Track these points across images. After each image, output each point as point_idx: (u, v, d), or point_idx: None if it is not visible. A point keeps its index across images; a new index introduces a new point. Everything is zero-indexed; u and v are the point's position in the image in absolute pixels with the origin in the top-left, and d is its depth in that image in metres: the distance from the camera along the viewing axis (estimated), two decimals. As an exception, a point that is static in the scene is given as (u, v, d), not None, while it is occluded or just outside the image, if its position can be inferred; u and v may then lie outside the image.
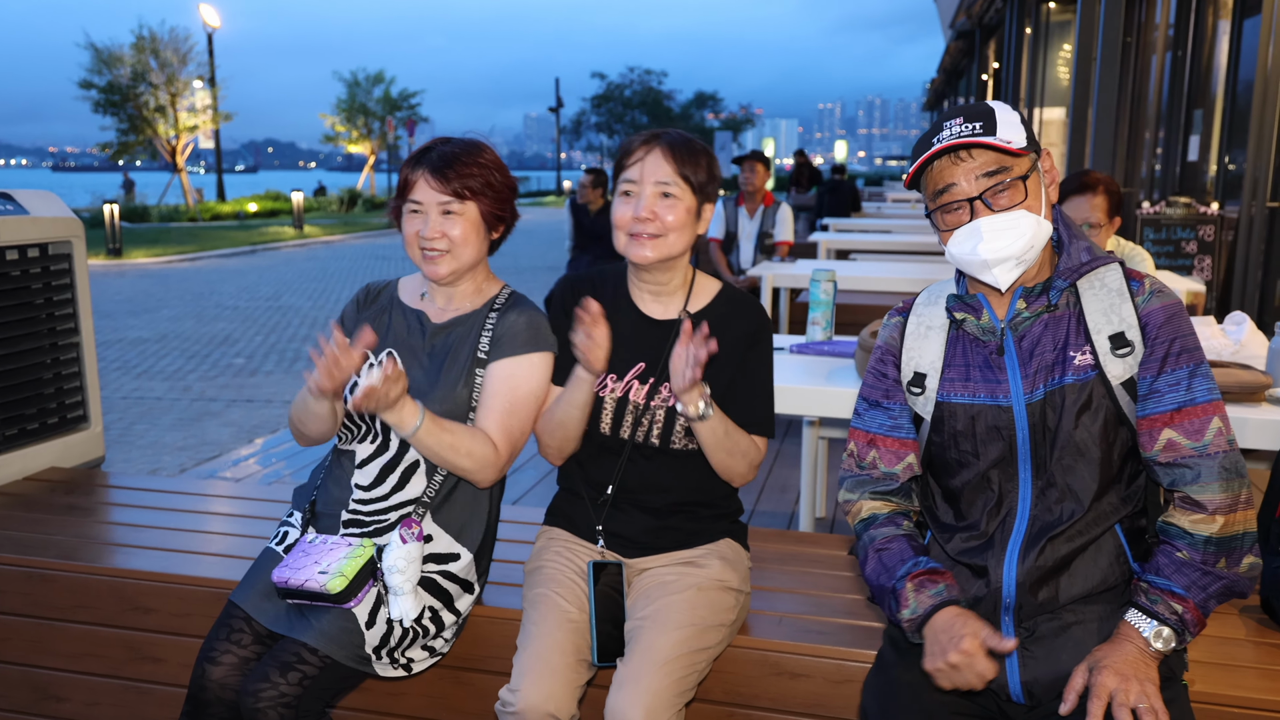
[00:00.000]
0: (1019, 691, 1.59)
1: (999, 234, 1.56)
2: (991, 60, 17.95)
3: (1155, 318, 1.57)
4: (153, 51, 29.82)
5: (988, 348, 1.65)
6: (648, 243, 1.89)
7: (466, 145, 2.01)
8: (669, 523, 1.99)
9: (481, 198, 1.98)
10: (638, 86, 62.56)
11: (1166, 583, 1.53)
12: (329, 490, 2.08)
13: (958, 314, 1.68)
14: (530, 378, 1.99)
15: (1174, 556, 1.54)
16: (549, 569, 1.98)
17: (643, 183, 1.89)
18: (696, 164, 1.91)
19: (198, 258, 17.86)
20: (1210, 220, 7.33)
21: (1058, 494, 1.60)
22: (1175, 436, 1.54)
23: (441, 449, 1.89)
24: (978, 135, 1.54)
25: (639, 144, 1.93)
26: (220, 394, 6.99)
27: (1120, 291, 1.60)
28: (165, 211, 27.65)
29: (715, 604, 1.90)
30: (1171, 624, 1.51)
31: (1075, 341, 1.59)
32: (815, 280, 3.25)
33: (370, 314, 2.12)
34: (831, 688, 1.95)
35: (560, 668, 1.79)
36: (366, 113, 42.25)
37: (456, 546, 2.03)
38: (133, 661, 2.39)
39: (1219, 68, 7.83)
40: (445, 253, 1.97)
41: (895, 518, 1.74)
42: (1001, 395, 1.62)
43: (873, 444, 1.77)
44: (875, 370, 1.79)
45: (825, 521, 4.23)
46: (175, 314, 10.91)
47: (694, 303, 2.00)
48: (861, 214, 13.37)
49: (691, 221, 1.92)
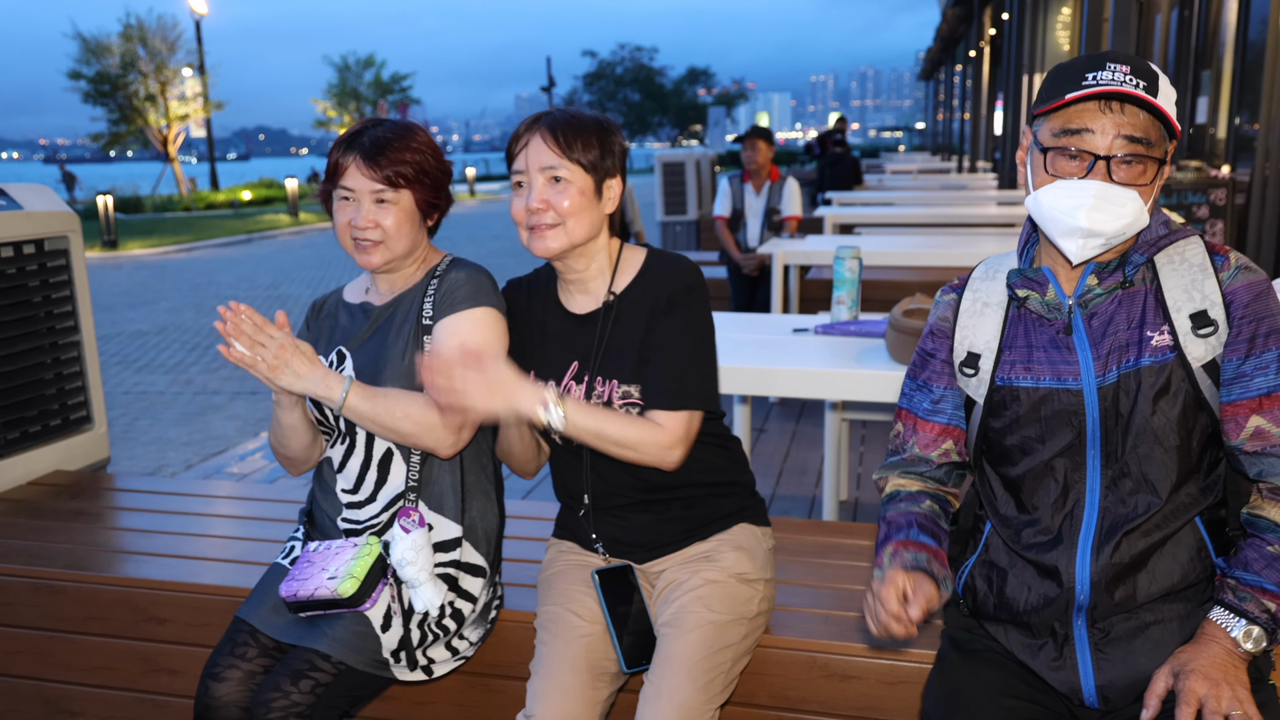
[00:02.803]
0: (1093, 696, 1.50)
1: (1107, 206, 1.41)
2: (988, 26, 17.76)
3: (1241, 296, 1.45)
4: (141, 40, 29.57)
5: (1054, 326, 1.53)
6: (547, 234, 1.76)
7: (398, 128, 1.91)
8: (668, 515, 1.87)
9: (416, 185, 1.88)
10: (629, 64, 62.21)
11: (1257, 579, 1.43)
12: (319, 502, 2.01)
13: (1020, 290, 1.55)
14: (475, 334, 1.86)
15: (1264, 550, 1.44)
16: (557, 584, 1.89)
17: (529, 171, 1.77)
18: (584, 141, 1.76)
19: (194, 248, 17.73)
20: (1222, 184, 7.20)
21: (1132, 485, 1.49)
22: (1264, 424, 1.44)
23: (377, 415, 1.80)
24: (1145, 92, 1.39)
25: (524, 129, 1.79)
26: (223, 387, 6.89)
27: (1203, 267, 1.48)
28: (159, 202, 27.49)
29: (733, 597, 1.79)
30: (1262, 623, 1.41)
31: (1153, 320, 1.48)
32: (839, 258, 3.14)
33: (319, 324, 2.05)
34: (885, 689, 1.86)
35: (573, 686, 1.71)
36: (358, 97, 41.99)
37: (456, 529, 1.94)
38: (148, 674, 2.30)
39: (1227, 26, 7.69)
40: (378, 243, 1.88)
41: (918, 496, 1.65)
42: (1070, 378, 1.51)
43: (915, 426, 1.68)
44: (923, 350, 1.69)
45: (849, 505, 4.15)
46: (174, 305, 10.81)
47: (619, 282, 1.85)
48: (864, 187, 13.21)
49: (591, 203, 1.78)
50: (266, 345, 1.75)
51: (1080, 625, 1.51)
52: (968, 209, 8.94)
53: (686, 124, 62.31)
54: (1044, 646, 1.55)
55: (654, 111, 61.80)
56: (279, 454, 1.99)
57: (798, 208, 6.55)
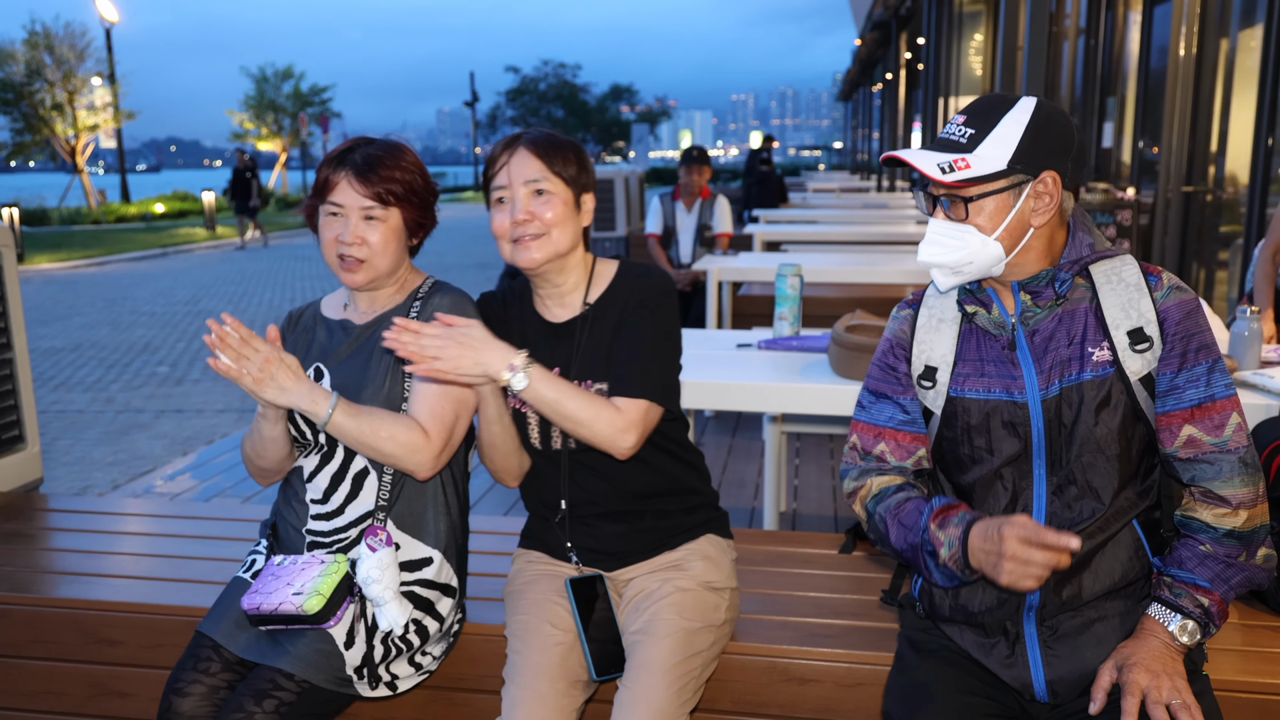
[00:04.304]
0: (1043, 690, 1.59)
1: (935, 243, 1.60)
2: (904, 51, 18.28)
3: (1173, 314, 1.57)
4: (47, 48, 28.57)
5: (1000, 342, 1.64)
6: (532, 244, 1.82)
7: (389, 147, 1.93)
8: (640, 525, 1.93)
9: (405, 204, 1.91)
10: (553, 80, 62.25)
11: (1191, 576, 1.54)
12: (284, 514, 2.00)
13: (969, 307, 1.67)
14: None
15: (1197, 550, 1.55)
16: (528, 594, 1.91)
17: (513, 185, 1.83)
18: (564, 157, 1.84)
19: (105, 262, 17.20)
20: (1127, 205, 7.54)
21: (1077, 491, 1.59)
22: (1196, 433, 1.55)
23: (361, 433, 1.81)
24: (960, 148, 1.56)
25: (501, 149, 1.86)
26: (147, 405, 6.71)
27: (1138, 286, 1.59)
28: (66, 214, 26.55)
29: (702, 605, 1.85)
30: (1196, 617, 1.52)
31: (1093, 337, 1.59)
32: (782, 275, 3.23)
33: (295, 336, 2.05)
34: (843, 692, 1.93)
35: (549, 695, 1.74)
36: (276, 109, 41.20)
37: (424, 549, 1.96)
38: (97, 697, 2.25)
39: (1130, 55, 8.06)
40: (362, 261, 1.89)
41: (905, 487, 1.72)
42: (1017, 391, 1.61)
43: (880, 437, 1.75)
44: (883, 364, 1.77)
45: (787, 516, 4.24)
46: (89, 321, 10.48)
47: (594, 292, 1.93)
48: (789, 205, 13.46)
49: (572, 215, 1.85)
50: (251, 358, 1.75)
51: (1030, 624, 1.60)
52: (889, 227, 9.20)
53: (610, 141, 62.56)
54: (996, 645, 1.63)
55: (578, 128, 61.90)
56: (252, 464, 1.98)
57: (729, 225, 6.68)
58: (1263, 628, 1.98)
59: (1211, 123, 6.52)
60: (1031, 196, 1.56)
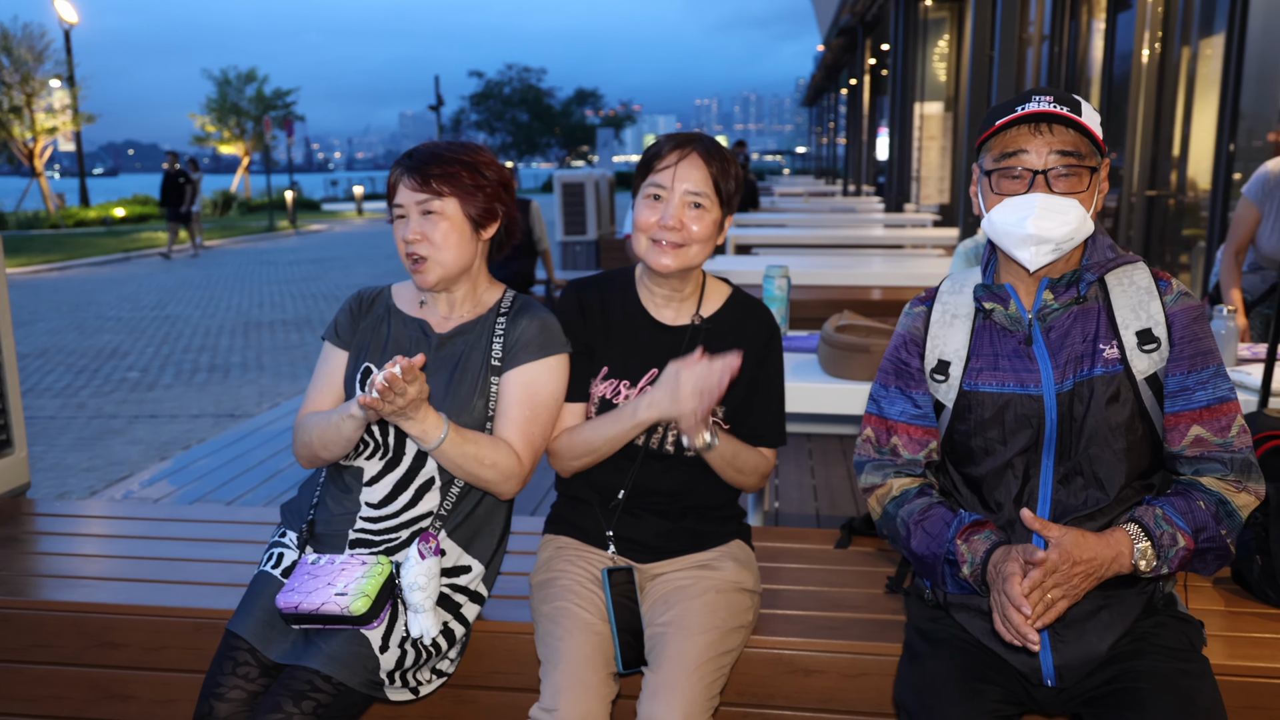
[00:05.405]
0: (1051, 675, 1.64)
1: (1051, 214, 1.58)
2: (868, 56, 18.45)
3: (1181, 318, 1.64)
4: (5, 49, 28.03)
5: (1016, 337, 1.69)
6: (669, 251, 1.85)
7: (451, 144, 1.95)
8: (681, 525, 1.98)
9: (461, 194, 1.90)
10: (517, 84, 62.13)
11: (1178, 517, 1.59)
12: (328, 508, 1.98)
13: (986, 303, 1.72)
14: (549, 383, 1.94)
15: (1194, 503, 1.61)
16: (563, 580, 1.93)
17: (673, 189, 1.85)
18: (727, 173, 1.87)
19: (66, 266, 16.93)
20: (1093, 209, 7.71)
21: (1083, 481, 1.65)
22: (1203, 433, 1.62)
23: (465, 461, 1.83)
24: (1067, 113, 1.57)
25: (670, 148, 1.87)
26: (119, 410, 6.64)
27: (1149, 290, 1.66)
28: (24, 218, 26.08)
29: (734, 606, 1.90)
30: (1162, 552, 1.57)
31: (1105, 335, 1.65)
32: (769, 277, 3.28)
33: (368, 323, 2.02)
34: (848, 682, 1.97)
35: (594, 683, 1.75)
36: (238, 112, 40.74)
37: (468, 559, 1.98)
38: (98, 701, 2.24)
39: (1094, 61, 8.21)
40: (427, 259, 1.89)
41: (925, 489, 1.77)
42: (1032, 385, 1.66)
43: (892, 431, 1.80)
44: (895, 358, 1.82)
45: (770, 514, 4.29)
46: (53, 327, 10.32)
47: (706, 307, 1.98)
48: (758, 209, 13.57)
49: (715, 234, 1.89)
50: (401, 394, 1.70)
51: (1037, 610, 1.65)
52: (857, 230, 9.32)
53: (575, 145, 62.56)
54: (1005, 632, 1.68)
55: (542, 132, 61.85)
56: (310, 451, 1.94)
57: (705, 228, 6.72)
58: (1248, 614, 2.05)
59: (1174, 128, 6.67)
60: (1101, 180, 1.63)
